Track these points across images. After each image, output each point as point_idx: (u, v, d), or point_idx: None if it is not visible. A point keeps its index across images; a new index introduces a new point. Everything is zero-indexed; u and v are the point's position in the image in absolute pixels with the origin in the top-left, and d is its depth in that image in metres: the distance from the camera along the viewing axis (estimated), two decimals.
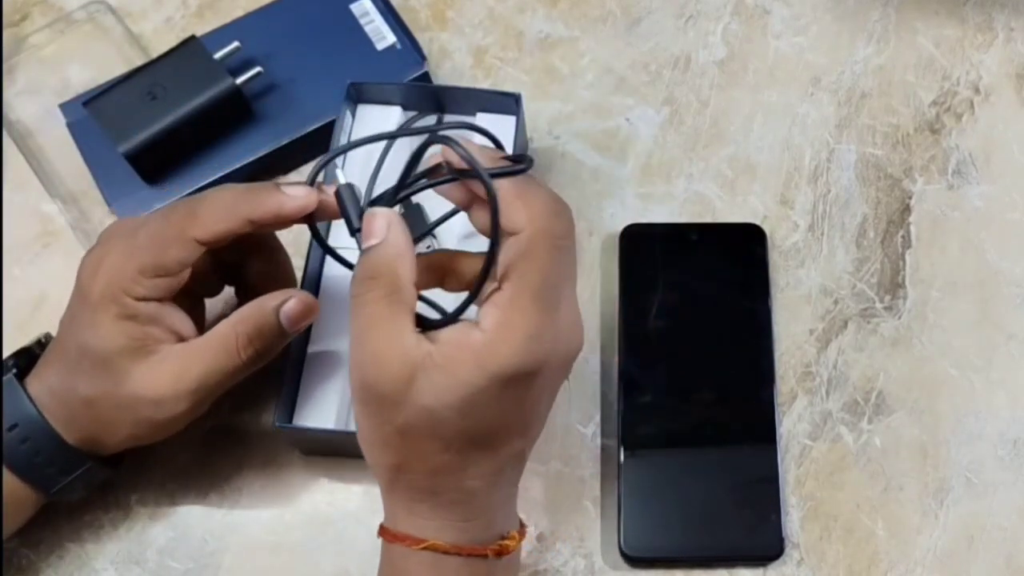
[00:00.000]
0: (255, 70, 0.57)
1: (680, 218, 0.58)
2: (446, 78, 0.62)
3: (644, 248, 0.56)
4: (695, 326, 0.55)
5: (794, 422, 0.54)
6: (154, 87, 0.56)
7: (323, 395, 0.51)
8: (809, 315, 0.56)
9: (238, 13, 0.61)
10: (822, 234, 0.58)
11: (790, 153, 0.60)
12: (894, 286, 0.57)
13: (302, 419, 0.51)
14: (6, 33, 0.62)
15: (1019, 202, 0.59)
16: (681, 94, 0.61)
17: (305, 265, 0.52)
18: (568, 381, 0.54)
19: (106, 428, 0.45)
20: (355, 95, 0.56)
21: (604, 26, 0.63)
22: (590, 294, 0.56)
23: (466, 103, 0.56)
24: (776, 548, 0.50)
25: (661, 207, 0.58)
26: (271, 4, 0.61)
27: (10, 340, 0.50)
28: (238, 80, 0.56)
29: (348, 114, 0.56)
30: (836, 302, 0.56)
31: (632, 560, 0.50)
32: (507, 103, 0.55)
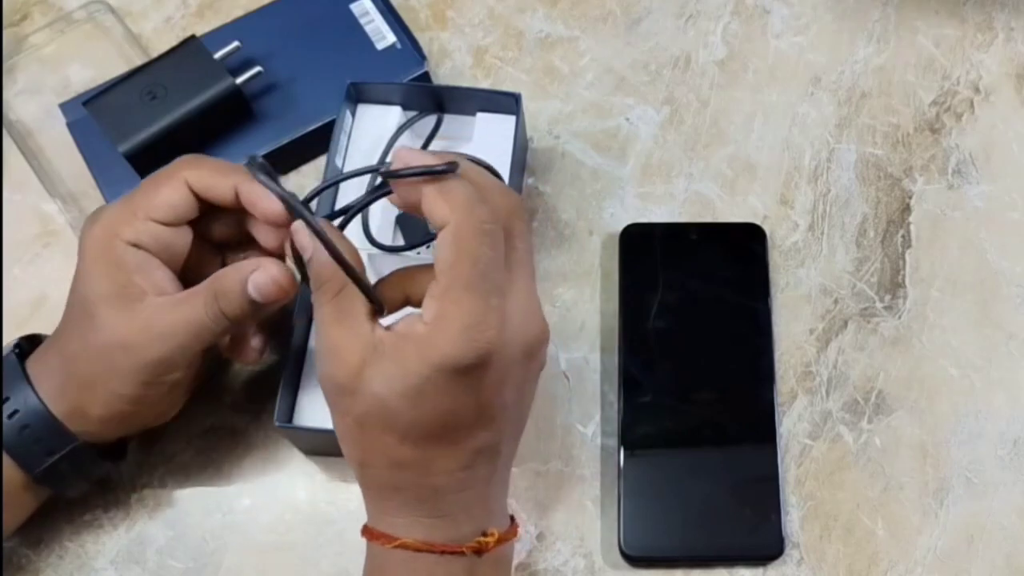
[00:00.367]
0: (255, 70, 0.57)
1: (680, 218, 0.58)
2: (446, 78, 0.62)
3: (644, 248, 0.56)
4: (695, 326, 0.55)
5: (794, 422, 0.54)
6: (154, 87, 0.56)
7: (323, 395, 0.51)
8: (809, 315, 0.56)
9: (238, 13, 0.61)
10: (822, 234, 0.58)
11: (790, 153, 0.60)
12: (894, 286, 0.57)
13: (302, 419, 0.51)
14: (6, 33, 0.62)
15: (1019, 202, 0.59)
16: (681, 94, 0.61)
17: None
18: (568, 380, 0.54)
19: (87, 390, 0.45)
20: (355, 95, 0.56)
21: (604, 26, 0.63)
22: (590, 294, 0.56)
23: (466, 103, 0.56)
24: (776, 548, 0.50)
25: (661, 207, 0.58)
26: (271, 4, 0.61)
27: (10, 340, 0.50)
28: (238, 80, 0.56)
29: (348, 114, 0.56)
30: (836, 302, 0.56)
31: (632, 560, 0.50)
32: (507, 103, 0.55)
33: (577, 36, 0.63)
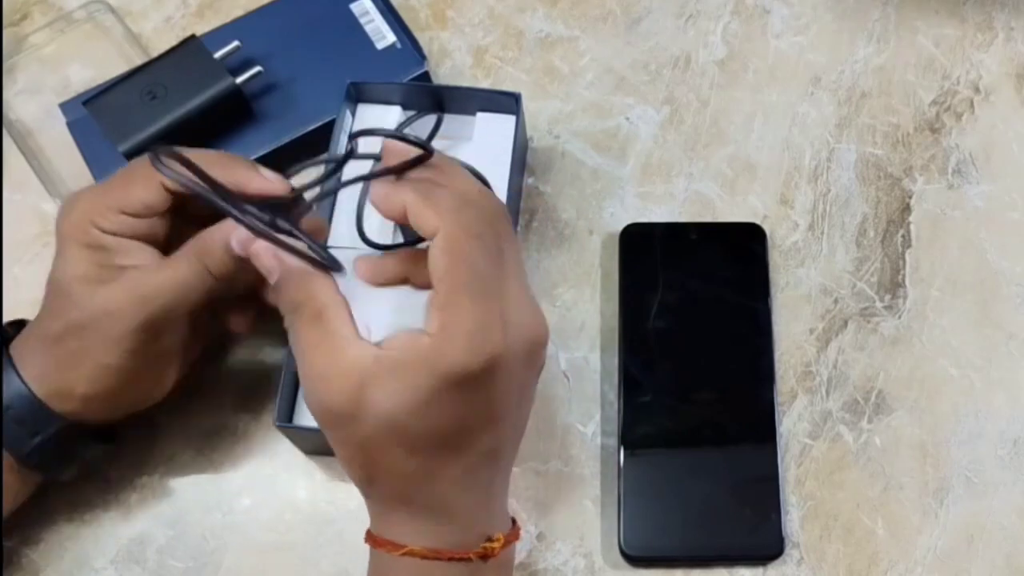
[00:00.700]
0: (255, 69, 0.57)
1: (680, 217, 0.58)
2: (446, 77, 0.62)
3: (644, 248, 0.56)
4: (695, 325, 0.55)
5: (794, 421, 0.54)
6: (154, 86, 0.56)
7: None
8: (809, 314, 0.56)
9: (238, 12, 0.61)
10: (822, 233, 0.58)
11: (790, 152, 0.60)
12: (894, 285, 0.57)
13: (302, 419, 0.51)
14: (6, 33, 0.62)
15: (1019, 202, 0.59)
16: (681, 93, 0.61)
17: None
18: (568, 380, 0.54)
19: (70, 368, 0.44)
20: (355, 95, 0.56)
21: (604, 25, 0.63)
22: (590, 294, 0.56)
23: (466, 103, 0.56)
24: (776, 547, 0.50)
25: (661, 206, 0.58)
26: (271, 3, 0.61)
27: None
28: (238, 79, 0.56)
29: (348, 114, 0.56)
30: (836, 301, 0.56)
31: (632, 559, 0.50)
32: (507, 103, 0.55)
33: (577, 36, 0.63)
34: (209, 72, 0.56)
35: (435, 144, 0.57)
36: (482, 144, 0.55)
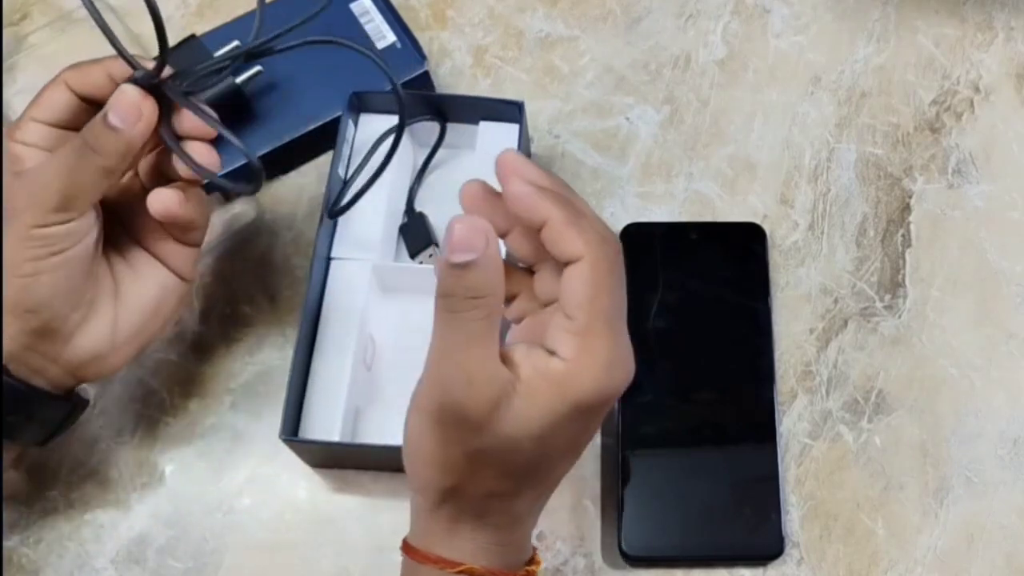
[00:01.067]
0: (255, 69, 0.57)
1: (680, 217, 0.58)
2: (446, 77, 0.62)
3: (644, 247, 0.56)
4: (695, 325, 0.55)
5: (794, 421, 0.54)
6: None
7: (328, 407, 0.50)
8: (809, 314, 0.56)
9: (238, 12, 0.61)
10: (822, 233, 0.58)
11: (790, 152, 0.60)
12: (894, 285, 0.57)
13: (307, 431, 0.50)
14: (6, 32, 0.62)
15: (1019, 201, 0.59)
16: (681, 93, 0.61)
17: (308, 276, 0.51)
18: None
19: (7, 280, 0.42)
20: (357, 104, 0.56)
21: (604, 25, 0.63)
22: None
23: (468, 112, 0.56)
24: (776, 547, 0.50)
25: (661, 206, 0.58)
26: (271, 3, 0.61)
27: None
28: (238, 79, 0.56)
29: (350, 123, 0.56)
30: (836, 301, 0.56)
31: (632, 559, 0.50)
32: (510, 111, 0.55)
33: (577, 36, 0.63)
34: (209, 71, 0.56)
35: (438, 154, 0.57)
36: (485, 153, 0.55)
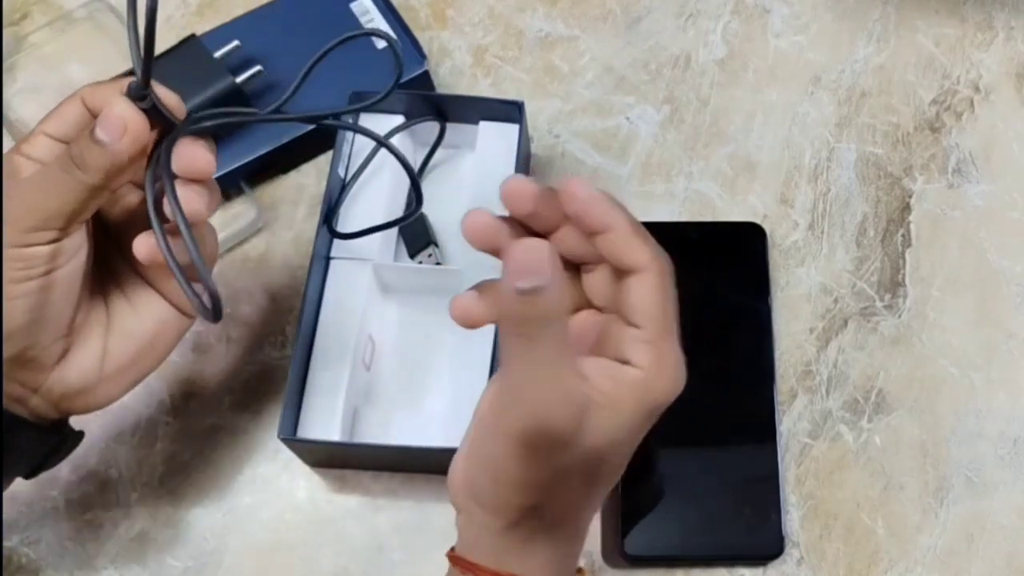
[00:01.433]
0: (255, 69, 0.57)
1: (680, 217, 0.58)
2: (446, 77, 0.62)
3: None
4: (695, 325, 0.54)
5: (794, 421, 0.54)
6: None
7: (327, 407, 0.50)
8: (809, 314, 0.56)
9: (238, 12, 0.61)
10: (822, 233, 0.58)
11: (790, 152, 0.60)
12: (894, 285, 0.57)
13: (306, 431, 0.50)
14: (6, 32, 0.62)
15: (1019, 201, 0.59)
16: (681, 93, 0.61)
17: (307, 276, 0.51)
18: None
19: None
20: (357, 104, 0.56)
21: (604, 25, 0.63)
22: None
23: (468, 111, 0.56)
24: (776, 547, 0.50)
25: (661, 206, 0.58)
26: (271, 3, 0.61)
27: None
28: (238, 79, 0.56)
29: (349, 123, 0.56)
30: (836, 301, 0.56)
31: (632, 559, 0.50)
32: (510, 111, 0.55)
33: (577, 35, 0.63)
34: (209, 71, 0.56)
35: (438, 154, 0.57)
36: (485, 153, 0.55)
